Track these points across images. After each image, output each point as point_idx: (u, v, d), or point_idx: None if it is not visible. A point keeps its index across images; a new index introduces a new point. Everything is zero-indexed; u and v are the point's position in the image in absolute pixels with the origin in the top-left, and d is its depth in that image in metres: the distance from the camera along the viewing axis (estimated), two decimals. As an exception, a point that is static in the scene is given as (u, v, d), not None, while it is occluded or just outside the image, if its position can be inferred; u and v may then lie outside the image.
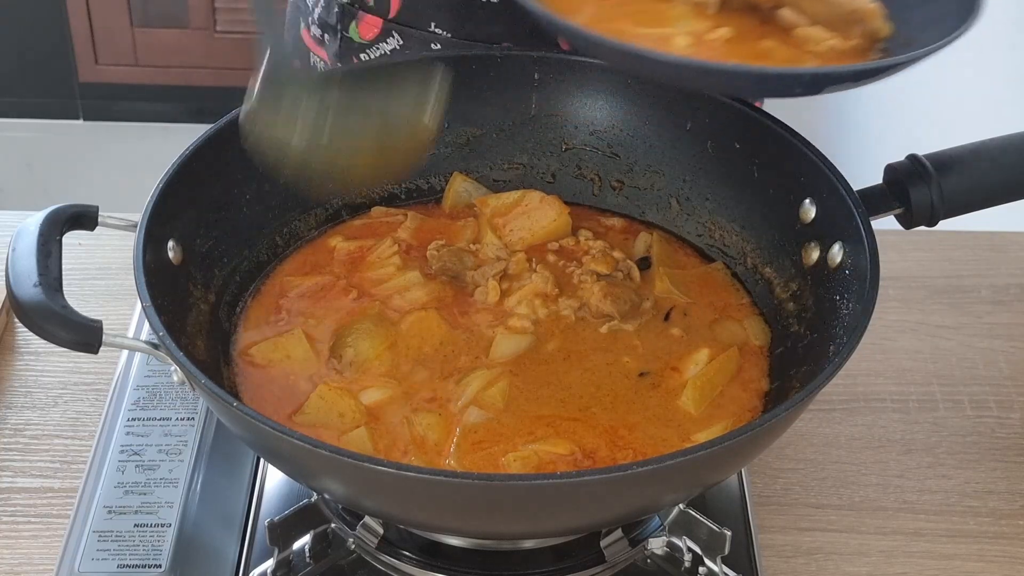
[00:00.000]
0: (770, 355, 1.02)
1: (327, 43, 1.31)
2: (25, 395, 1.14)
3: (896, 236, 1.23)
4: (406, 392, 0.97)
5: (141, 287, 0.90)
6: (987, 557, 1.03)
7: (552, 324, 1.03)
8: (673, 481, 0.85)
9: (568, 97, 1.14)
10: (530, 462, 0.91)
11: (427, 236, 1.10)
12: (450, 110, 1.14)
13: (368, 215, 1.13)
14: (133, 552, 0.97)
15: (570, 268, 1.08)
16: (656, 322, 1.04)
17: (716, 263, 1.10)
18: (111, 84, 3.19)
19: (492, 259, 1.07)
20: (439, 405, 0.96)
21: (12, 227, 0.94)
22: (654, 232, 1.12)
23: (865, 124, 2.40)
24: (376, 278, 1.06)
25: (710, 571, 0.96)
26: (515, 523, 0.89)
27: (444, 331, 1.01)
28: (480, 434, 0.94)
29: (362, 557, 0.98)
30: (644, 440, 0.94)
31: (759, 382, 1.00)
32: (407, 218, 1.12)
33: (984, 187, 1.02)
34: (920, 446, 1.12)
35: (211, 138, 1.03)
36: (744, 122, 1.07)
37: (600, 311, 1.04)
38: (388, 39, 1.26)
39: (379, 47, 1.27)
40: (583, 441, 0.94)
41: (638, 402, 0.97)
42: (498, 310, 1.04)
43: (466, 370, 0.99)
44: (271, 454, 0.90)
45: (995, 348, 1.21)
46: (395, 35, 1.25)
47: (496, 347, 1.00)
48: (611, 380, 0.99)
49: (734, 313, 1.06)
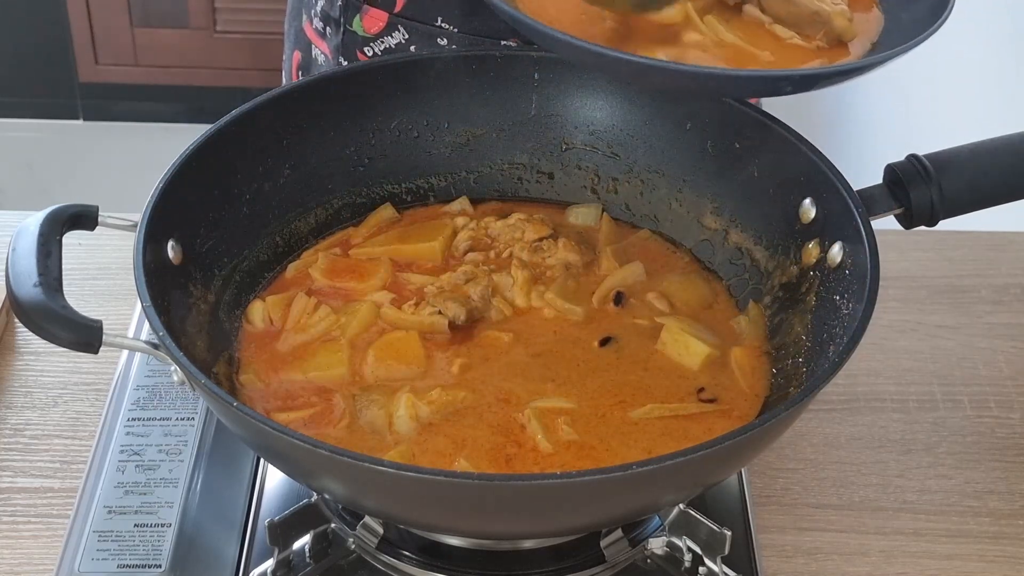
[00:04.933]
0: (769, 355, 1.02)
1: (328, 36, 1.31)
2: (25, 395, 1.14)
3: (896, 236, 1.23)
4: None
5: (141, 287, 0.90)
6: (987, 557, 1.03)
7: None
8: (673, 481, 0.85)
9: (568, 97, 1.14)
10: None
11: (340, 275, 1.08)
12: (450, 110, 1.14)
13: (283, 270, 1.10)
14: (133, 552, 0.97)
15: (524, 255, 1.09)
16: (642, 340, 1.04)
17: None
18: (111, 84, 3.19)
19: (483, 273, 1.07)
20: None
21: (12, 227, 0.95)
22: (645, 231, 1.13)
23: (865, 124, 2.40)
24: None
25: (710, 571, 0.96)
26: (515, 523, 0.89)
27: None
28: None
29: (362, 557, 0.98)
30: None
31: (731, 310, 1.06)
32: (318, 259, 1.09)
33: (984, 187, 1.02)
34: (920, 446, 1.12)
35: (211, 138, 1.03)
36: (744, 122, 1.07)
37: (567, 260, 1.06)
38: (393, 33, 1.26)
39: (383, 41, 1.27)
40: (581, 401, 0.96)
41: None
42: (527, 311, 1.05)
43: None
44: (271, 454, 0.90)
45: (995, 348, 1.21)
46: (400, 29, 1.25)
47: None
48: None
49: (728, 310, 1.07)
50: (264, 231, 1.08)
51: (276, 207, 1.09)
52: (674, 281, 1.08)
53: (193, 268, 1.00)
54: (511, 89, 1.14)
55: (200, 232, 1.02)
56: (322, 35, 1.32)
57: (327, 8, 1.30)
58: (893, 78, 0.93)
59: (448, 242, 1.10)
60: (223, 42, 3.10)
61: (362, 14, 1.27)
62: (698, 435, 0.94)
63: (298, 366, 0.99)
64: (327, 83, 1.11)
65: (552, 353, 1.01)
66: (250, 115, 1.05)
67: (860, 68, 0.92)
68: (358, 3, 1.27)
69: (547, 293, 1.05)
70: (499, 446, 0.93)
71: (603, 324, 1.04)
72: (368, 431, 0.94)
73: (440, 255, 1.09)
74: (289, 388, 0.98)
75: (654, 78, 0.95)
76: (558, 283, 1.06)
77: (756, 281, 1.07)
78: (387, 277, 1.07)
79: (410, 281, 1.07)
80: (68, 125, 3.26)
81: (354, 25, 1.28)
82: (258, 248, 1.08)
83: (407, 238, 1.11)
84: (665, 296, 1.06)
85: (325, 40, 1.32)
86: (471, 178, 1.16)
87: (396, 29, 1.25)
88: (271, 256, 1.09)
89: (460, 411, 0.96)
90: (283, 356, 1.01)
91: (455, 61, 1.13)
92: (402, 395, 0.96)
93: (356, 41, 1.28)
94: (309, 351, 1.01)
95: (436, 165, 1.16)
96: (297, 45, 1.39)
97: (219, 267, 1.04)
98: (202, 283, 1.01)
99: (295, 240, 1.11)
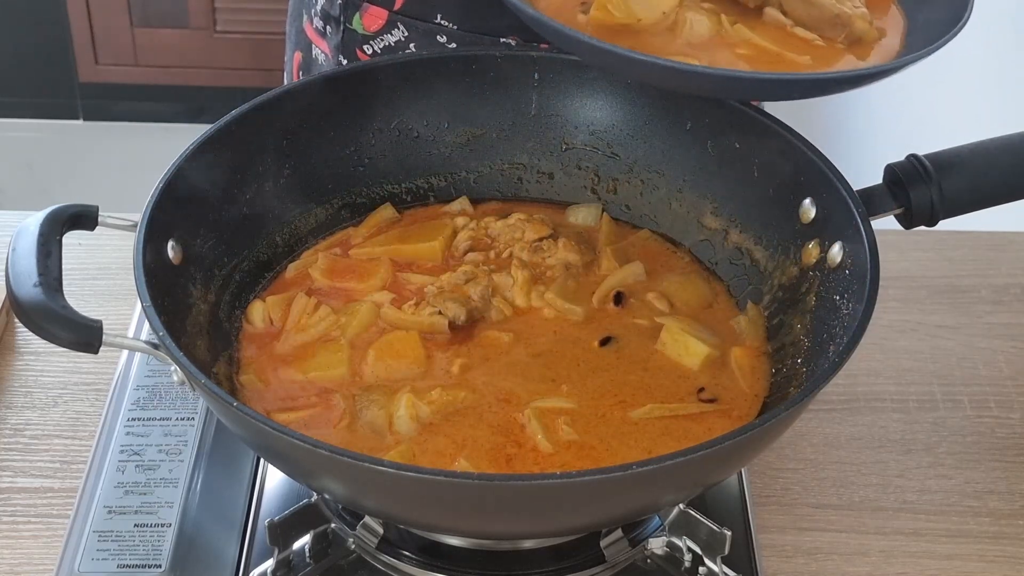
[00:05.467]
0: (769, 355, 1.02)
1: (328, 35, 1.31)
2: (25, 395, 1.14)
3: (896, 236, 1.23)
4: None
5: (141, 287, 0.90)
6: (987, 557, 1.03)
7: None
8: (673, 481, 0.85)
9: (568, 97, 1.14)
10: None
11: (340, 276, 1.08)
12: (450, 110, 1.14)
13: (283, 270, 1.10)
14: (133, 552, 0.97)
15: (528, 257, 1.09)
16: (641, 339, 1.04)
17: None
18: (111, 84, 3.19)
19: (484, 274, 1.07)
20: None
21: (12, 227, 0.95)
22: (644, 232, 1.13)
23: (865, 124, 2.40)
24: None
25: (710, 571, 0.96)
26: (515, 523, 0.89)
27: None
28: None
29: (362, 557, 0.98)
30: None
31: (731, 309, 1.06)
32: (318, 259, 1.09)
33: (984, 187, 1.02)
34: (920, 446, 1.12)
35: (211, 138, 1.03)
36: (744, 122, 1.07)
37: (567, 260, 1.06)
38: (393, 31, 1.26)
39: (383, 39, 1.27)
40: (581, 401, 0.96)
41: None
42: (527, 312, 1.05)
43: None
44: (271, 454, 0.90)
45: (995, 348, 1.21)
46: (400, 27, 1.25)
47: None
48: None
49: (728, 310, 1.07)
50: (264, 231, 1.08)
51: (276, 207, 1.09)
52: (674, 281, 1.08)
53: (193, 268, 1.00)
54: (511, 89, 1.14)
55: (200, 232, 1.02)
56: (322, 34, 1.32)
57: (327, 7, 1.30)
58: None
59: (448, 242, 1.10)
60: (223, 42, 3.10)
61: (362, 12, 1.27)
62: (698, 435, 0.94)
63: (298, 366, 0.99)
64: (327, 83, 1.11)
65: (552, 353, 1.01)
66: (250, 115, 1.05)
67: (899, 66, 0.92)
68: (358, 1, 1.27)
69: (547, 293, 1.05)
70: (499, 446, 0.93)
71: (603, 324, 1.04)
72: (368, 431, 0.94)
73: (440, 255, 1.09)
74: (289, 388, 0.98)
75: (694, 83, 0.94)
76: (558, 283, 1.06)
77: (756, 281, 1.07)
78: (387, 277, 1.07)
79: (410, 281, 1.07)
80: (68, 125, 3.26)
81: (354, 23, 1.28)
82: (258, 248, 1.08)
83: (407, 238, 1.11)
84: (665, 296, 1.06)
85: (325, 39, 1.32)
86: (471, 178, 1.16)
87: (396, 27, 1.25)
88: (271, 256, 1.09)
89: (460, 411, 0.96)
90: (283, 356, 1.01)
91: (455, 61, 1.13)
92: (402, 395, 0.96)
93: (356, 39, 1.28)
94: (309, 351, 1.01)
95: (436, 165, 1.16)
96: (298, 46, 1.39)
97: (219, 267, 1.04)
98: (202, 283, 1.01)
99: (295, 240, 1.11)
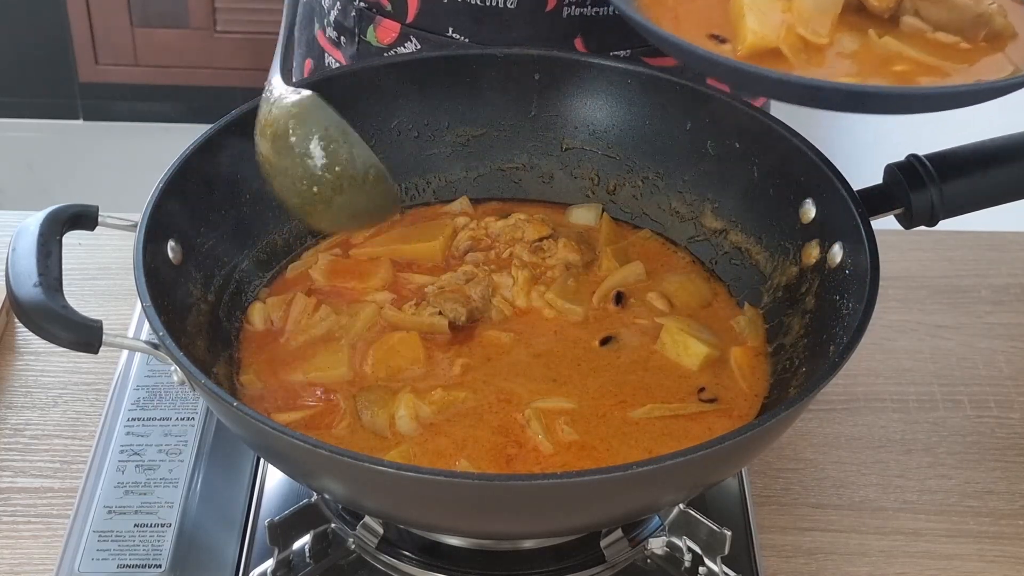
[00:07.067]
0: (769, 355, 1.02)
1: (344, 46, 1.31)
2: (25, 395, 1.14)
3: (896, 236, 1.23)
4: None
5: (141, 287, 0.90)
6: (987, 557, 1.03)
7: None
8: (673, 481, 0.85)
9: (568, 97, 1.14)
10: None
11: (340, 276, 1.08)
12: (450, 110, 1.14)
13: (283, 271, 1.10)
14: (133, 552, 0.97)
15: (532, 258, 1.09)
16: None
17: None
18: (111, 84, 3.19)
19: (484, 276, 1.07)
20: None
21: (12, 227, 0.95)
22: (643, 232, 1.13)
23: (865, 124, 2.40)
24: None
25: (710, 571, 0.96)
26: (515, 523, 0.89)
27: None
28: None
29: (362, 557, 0.98)
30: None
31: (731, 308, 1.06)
32: (317, 261, 1.09)
33: (984, 187, 1.02)
34: (920, 446, 1.12)
35: (211, 138, 1.03)
36: (744, 122, 1.07)
37: (567, 260, 1.06)
38: (406, 43, 1.26)
39: (397, 51, 1.27)
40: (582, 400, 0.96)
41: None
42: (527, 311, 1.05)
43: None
44: (271, 454, 0.90)
45: (995, 348, 1.21)
46: (413, 39, 1.25)
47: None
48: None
49: (728, 310, 1.07)
50: (264, 231, 1.08)
51: (276, 207, 1.09)
52: (674, 281, 1.08)
53: (193, 268, 1.00)
54: (511, 89, 1.14)
55: (200, 232, 1.02)
56: (336, 44, 1.32)
57: (340, 18, 1.30)
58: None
59: (448, 242, 1.10)
60: (223, 42, 3.10)
61: (375, 25, 1.27)
62: (698, 435, 0.94)
63: (299, 367, 0.99)
64: (327, 83, 1.10)
65: (552, 353, 1.01)
66: (251, 115, 1.05)
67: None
68: (372, 14, 1.27)
69: (547, 293, 1.05)
70: (500, 446, 0.93)
71: (603, 324, 1.04)
72: (369, 431, 0.94)
73: (440, 255, 1.09)
74: (289, 388, 0.98)
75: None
76: (558, 283, 1.06)
77: (756, 281, 1.07)
78: (387, 277, 1.07)
79: (411, 281, 1.07)
80: (68, 125, 3.26)
81: (368, 36, 1.28)
82: (258, 248, 1.08)
83: (407, 238, 1.11)
84: (665, 296, 1.06)
85: (340, 49, 1.32)
86: (471, 178, 1.16)
87: (409, 39, 1.25)
88: (271, 256, 1.09)
89: (461, 411, 0.96)
90: (283, 357, 1.01)
91: (455, 61, 1.13)
92: (403, 395, 0.96)
93: (371, 51, 1.28)
94: (310, 351, 1.01)
95: (436, 165, 1.16)
96: (309, 53, 1.39)
97: (219, 267, 1.04)
98: (202, 283, 1.01)
99: (295, 240, 1.10)
